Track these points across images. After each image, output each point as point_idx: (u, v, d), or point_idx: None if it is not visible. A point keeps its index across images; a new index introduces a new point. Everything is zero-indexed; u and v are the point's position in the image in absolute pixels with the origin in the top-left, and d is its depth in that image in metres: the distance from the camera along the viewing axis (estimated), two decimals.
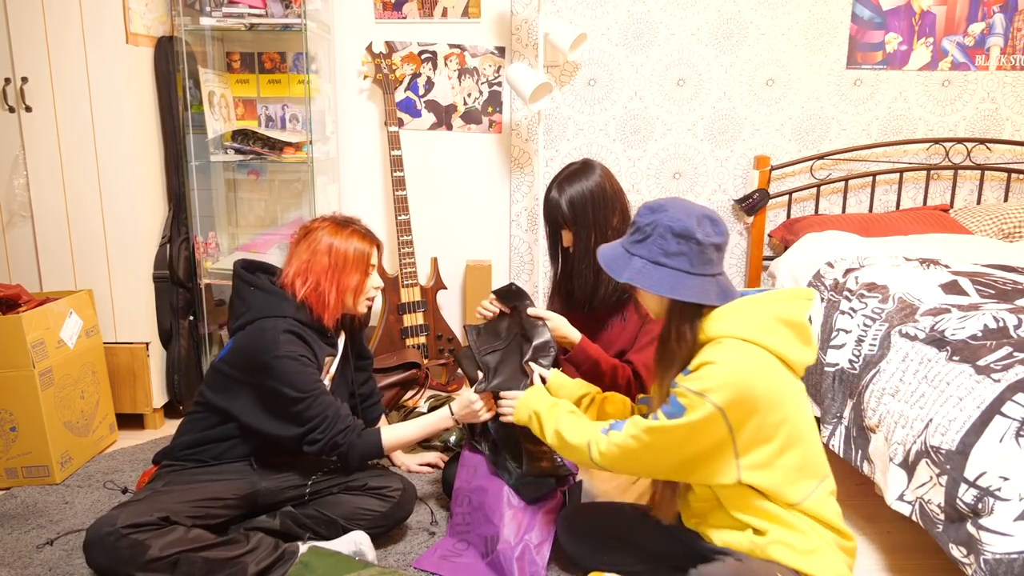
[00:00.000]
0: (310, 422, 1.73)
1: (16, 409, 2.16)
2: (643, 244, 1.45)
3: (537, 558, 1.73)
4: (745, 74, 3.04)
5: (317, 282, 1.81)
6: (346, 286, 1.84)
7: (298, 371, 1.73)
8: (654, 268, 1.43)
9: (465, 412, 1.84)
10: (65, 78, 2.36)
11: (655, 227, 1.43)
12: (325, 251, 1.82)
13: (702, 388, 1.36)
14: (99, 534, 1.54)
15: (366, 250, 1.87)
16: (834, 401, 2.14)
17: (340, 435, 1.75)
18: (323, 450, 1.75)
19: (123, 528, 1.53)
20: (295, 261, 1.84)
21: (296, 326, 1.78)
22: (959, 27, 3.01)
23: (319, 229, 1.86)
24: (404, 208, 2.84)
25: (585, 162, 2.00)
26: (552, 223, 2.00)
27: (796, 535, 1.40)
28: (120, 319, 2.53)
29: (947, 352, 1.74)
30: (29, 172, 2.41)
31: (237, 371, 1.78)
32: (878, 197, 3.13)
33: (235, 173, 3.01)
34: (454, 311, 3.23)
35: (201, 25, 2.62)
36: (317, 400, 1.74)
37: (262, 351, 1.73)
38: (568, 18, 3.00)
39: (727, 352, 1.38)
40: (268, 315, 1.77)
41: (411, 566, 1.80)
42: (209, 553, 1.58)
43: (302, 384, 1.73)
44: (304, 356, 1.76)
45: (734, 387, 1.34)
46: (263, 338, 1.74)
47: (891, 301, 2.09)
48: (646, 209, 1.47)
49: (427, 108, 3.08)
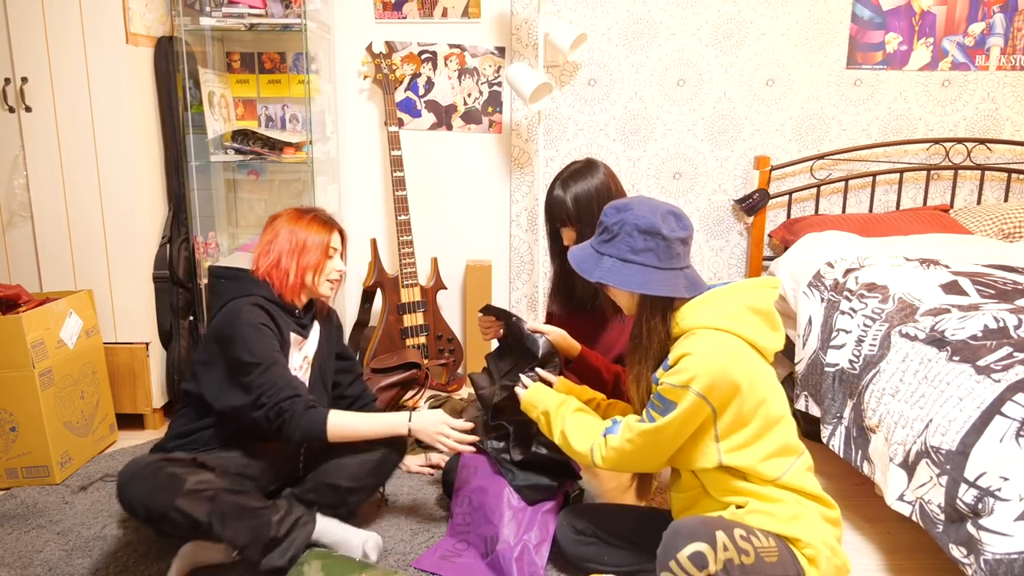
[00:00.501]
0: (260, 387, 1.72)
1: (16, 409, 2.16)
2: (611, 243, 1.51)
3: (536, 558, 1.73)
4: (745, 74, 3.04)
5: (279, 259, 1.87)
6: (306, 263, 1.89)
7: (255, 338, 1.75)
8: (623, 266, 1.48)
9: (427, 431, 1.78)
10: (65, 78, 2.36)
11: (622, 226, 1.49)
12: (288, 231, 1.89)
13: (684, 380, 1.41)
14: (138, 466, 1.61)
15: (324, 235, 1.92)
16: (834, 401, 2.14)
17: (286, 401, 1.72)
18: (267, 416, 1.71)
19: (162, 460, 1.63)
20: (260, 245, 1.92)
21: (261, 300, 1.83)
22: (959, 27, 3.01)
23: (281, 216, 1.93)
24: (404, 208, 2.84)
25: (589, 161, 1.99)
26: (554, 221, 2.00)
27: (776, 505, 1.45)
28: (120, 319, 2.53)
29: (947, 352, 1.74)
30: (29, 172, 2.41)
31: (207, 354, 1.82)
32: (878, 197, 3.13)
33: (235, 173, 3.01)
34: (454, 311, 3.23)
35: (201, 25, 2.62)
36: (271, 368, 1.74)
37: (227, 324, 1.77)
38: (568, 18, 3.00)
39: (703, 342, 1.43)
40: (236, 296, 1.83)
41: (411, 566, 1.80)
42: (238, 499, 1.64)
43: (259, 350, 1.74)
44: (265, 325, 1.79)
45: (714, 374, 1.40)
46: (228, 314, 1.79)
47: (891, 301, 2.09)
48: (612, 209, 1.52)
49: (427, 108, 3.08)
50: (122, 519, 2.01)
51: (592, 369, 1.97)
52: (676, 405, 1.42)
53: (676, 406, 1.42)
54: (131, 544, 1.89)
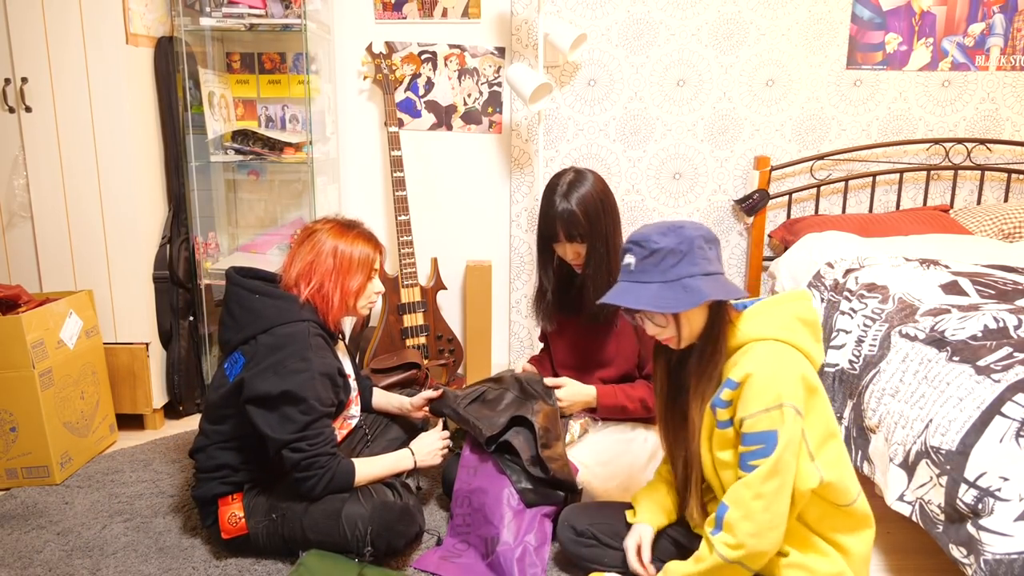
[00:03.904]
0: (306, 429, 1.68)
1: (16, 409, 2.16)
2: (682, 264, 1.39)
3: (537, 559, 1.73)
4: (745, 74, 3.04)
5: (321, 283, 1.79)
6: (349, 289, 1.83)
7: (326, 385, 1.73)
8: (711, 280, 1.40)
9: (428, 451, 1.93)
10: (65, 78, 2.36)
11: (689, 242, 1.40)
12: (330, 253, 1.81)
13: (773, 400, 1.33)
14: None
15: (370, 253, 1.86)
16: (834, 401, 2.14)
17: (325, 457, 1.71)
18: (302, 460, 1.68)
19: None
20: (298, 262, 1.82)
21: (320, 330, 1.78)
22: (959, 27, 3.01)
23: (322, 231, 1.84)
24: (404, 208, 2.84)
25: (576, 170, 1.95)
26: (554, 237, 1.93)
27: (819, 560, 1.41)
28: (120, 319, 2.53)
29: (947, 352, 1.74)
30: (29, 172, 2.41)
31: (262, 371, 1.70)
32: (878, 197, 3.13)
33: (235, 173, 3.01)
34: (454, 311, 3.23)
35: (201, 25, 2.62)
36: (323, 419, 1.73)
37: (295, 355, 1.69)
38: (568, 18, 3.00)
39: (766, 355, 1.37)
40: (286, 320, 1.74)
41: (411, 566, 1.80)
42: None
43: (324, 396, 1.72)
44: (335, 374, 1.76)
45: (794, 381, 1.34)
46: (295, 341, 1.71)
47: (891, 301, 2.09)
48: (657, 235, 1.41)
49: (427, 108, 3.08)
50: (122, 519, 2.01)
51: (618, 407, 1.99)
52: (776, 432, 1.32)
53: (777, 433, 1.32)
54: (131, 544, 1.89)
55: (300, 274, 1.80)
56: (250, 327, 1.76)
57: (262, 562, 1.80)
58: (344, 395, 1.85)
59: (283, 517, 1.75)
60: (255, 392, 1.68)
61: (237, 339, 1.78)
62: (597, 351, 2.06)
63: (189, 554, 1.85)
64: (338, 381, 1.79)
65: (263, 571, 1.77)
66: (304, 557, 1.70)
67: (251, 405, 1.70)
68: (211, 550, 1.86)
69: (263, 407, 1.69)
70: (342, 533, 1.71)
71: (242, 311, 1.78)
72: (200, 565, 1.80)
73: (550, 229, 1.93)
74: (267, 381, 1.68)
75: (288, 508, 1.75)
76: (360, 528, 1.70)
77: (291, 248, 1.88)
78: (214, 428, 1.81)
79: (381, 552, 1.74)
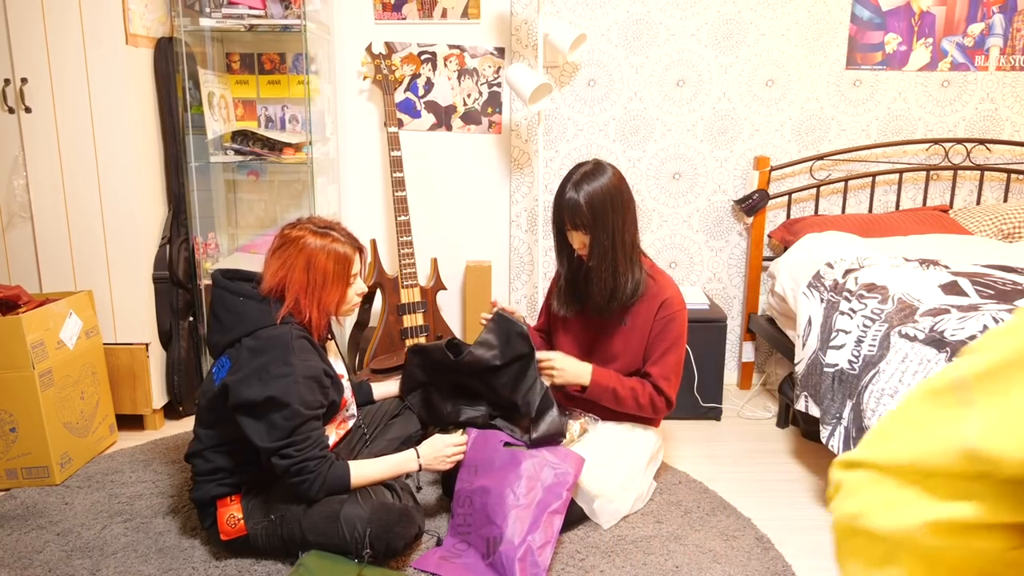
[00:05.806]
0: (292, 435, 1.67)
1: (16, 410, 2.16)
2: None
3: (539, 560, 1.73)
4: (745, 75, 3.04)
5: (296, 299, 1.75)
6: (327, 303, 1.79)
7: (311, 387, 1.71)
8: None
9: (434, 456, 1.90)
10: (65, 79, 2.36)
11: None
12: (303, 267, 1.74)
13: None
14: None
15: (347, 259, 1.80)
16: (833, 402, 2.14)
17: (315, 461, 1.69)
18: (291, 467, 1.67)
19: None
20: (271, 276, 1.76)
21: (304, 331, 1.76)
22: (958, 27, 3.01)
23: (295, 242, 1.75)
24: (404, 209, 2.84)
25: (597, 162, 1.99)
26: (565, 224, 1.98)
27: None
28: (120, 320, 2.53)
29: (947, 353, 1.74)
30: (29, 173, 2.41)
31: (246, 377, 1.69)
32: (878, 197, 3.13)
33: (235, 174, 3.01)
34: (454, 312, 3.23)
35: (201, 26, 2.62)
36: (310, 422, 1.71)
37: (278, 359, 1.68)
38: (568, 19, 3.00)
39: None
40: (269, 323, 1.72)
41: (411, 566, 1.80)
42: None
43: (310, 400, 1.70)
44: (321, 375, 1.74)
45: None
46: (277, 345, 1.69)
47: (891, 302, 2.09)
48: None
49: (427, 109, 3.08)
50: (122, 519, 2.01)
51: (608, 390, 1.99)
52: None
53: None
54: (131, 544, 1.89)
55: (274, 288, 1.76)
56: (235, 330, 1.74)
57: (262, 563, 1.80)
58: (336, 395, 1.83)
59: (282, 518, 1.75)
60: (240, 399, 1.68)
61: (223, 342, 1.76)
62: (603, 345, 2.07)
63: (189, 554, 1.85)
64: (325, 382, 1.77)
65: (263, 572, 1.78)
66: (303, 558, 1.70)
67: (238, 413, 1.70)
68: (211, 550, 1.86)
69: (249, 415, 1.68)
70: (341, 535, 1.71)
71: (227, 314, 1.76)
72: (200, 565, 1.80)
73: (558, 215, 1.99)
74: (251, 387, 1.66)
75: (287, 509, 1.75)
76: (359, 530, 1.70)
77: (267, 254, 1.81)
78: (206, 432, 1.80)
79: (380, 553, 1.74)
